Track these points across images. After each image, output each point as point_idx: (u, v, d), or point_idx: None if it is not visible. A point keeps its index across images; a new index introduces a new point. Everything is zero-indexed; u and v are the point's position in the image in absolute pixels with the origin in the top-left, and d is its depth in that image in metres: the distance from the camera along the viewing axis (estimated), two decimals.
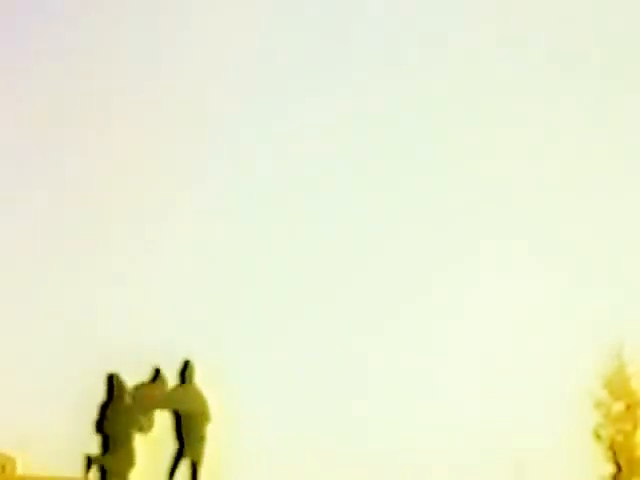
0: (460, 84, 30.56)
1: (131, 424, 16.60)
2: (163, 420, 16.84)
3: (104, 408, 16.52)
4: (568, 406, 24.67)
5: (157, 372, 17.09)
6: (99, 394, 18.83)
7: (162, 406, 16.75)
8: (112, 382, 17.22)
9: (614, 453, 24.56)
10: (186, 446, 16.62)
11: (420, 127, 30.16)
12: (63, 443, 19.55)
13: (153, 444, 16.53)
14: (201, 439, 16.69)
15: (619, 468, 24.31)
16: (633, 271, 26.99)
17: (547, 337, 26.09)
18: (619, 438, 25.13)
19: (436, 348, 26.74)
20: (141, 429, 16.65)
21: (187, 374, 16.89)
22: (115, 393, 17.13)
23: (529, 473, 23.98)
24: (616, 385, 25.60)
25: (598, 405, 25.71)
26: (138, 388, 16.88)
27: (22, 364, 24.55)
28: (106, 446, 16.39)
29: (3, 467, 23.27)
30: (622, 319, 24.88)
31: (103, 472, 16.42)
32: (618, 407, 25.61)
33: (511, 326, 26.89)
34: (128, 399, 16.62)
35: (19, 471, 23.23)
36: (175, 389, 16.91)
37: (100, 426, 16.37)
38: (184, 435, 16.71)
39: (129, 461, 16.32)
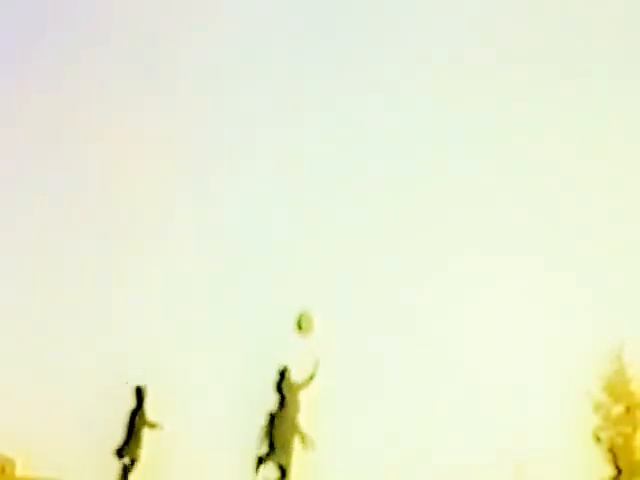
0: (459, 88, 30.55)
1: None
2: None
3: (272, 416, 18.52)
4: (567, 408, 24.70)
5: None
6: (99, 396, 19.21)
7: None
8: (140, 393, 18.51)
9: (614, 455, 24.56)
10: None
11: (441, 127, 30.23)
12: (65, 445, 19.65)
13: None
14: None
15: (619, 471, 24.31)
16: (633, 272, 27.00)
17: (546, 338, 26.10)
18: (619, 441, 25.13)
19: (434, 349, 26.74)
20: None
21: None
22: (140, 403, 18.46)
23: (528, 475, 24.00)
24: (616, 387, 25.61)
25: (598, 407, 25.72)
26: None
27: (22, 366, 24.63)
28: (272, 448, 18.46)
29: (3, 468, 23.31)
30: (622, 321, 24.91)
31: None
32: (618, 409, 25.62)
33: (510, 327, 26.90)
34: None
35: (18, 472, 23.26)
36: None
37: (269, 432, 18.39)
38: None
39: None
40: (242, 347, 23.93)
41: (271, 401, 19.06)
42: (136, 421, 18.66)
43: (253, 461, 18.61)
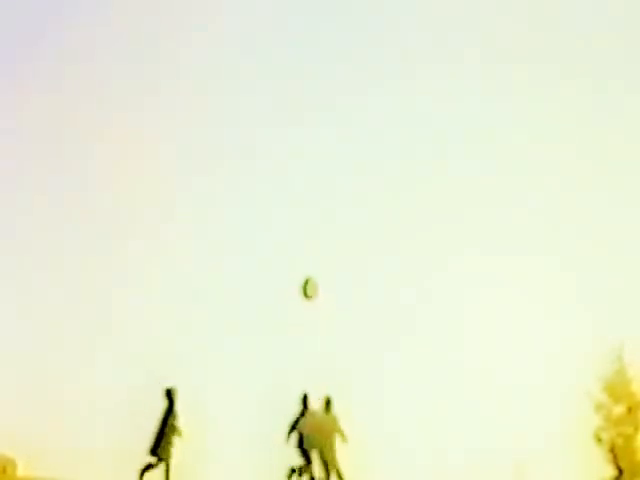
0: (459, 88, 30.55)
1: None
2: None
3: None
4: (568, 409, 24.73)
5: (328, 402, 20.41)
6: (100, 396, 19.29)
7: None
8: (170, 395, 18.87)
9: (615, 456, 24.62)
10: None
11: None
12: (66, 445, 19.65)
13: None
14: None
15: (620, 471, 24.37)
16: (633, 272, 27.01)
17: (547, 339, 26.12)
18: (620, 441, 25.19)
19: (434, 349, 26.73)
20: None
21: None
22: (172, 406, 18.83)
23: (529, 476, 24.01)
24: (617, 388, 25.66)
25: (598, 408, 25.78)
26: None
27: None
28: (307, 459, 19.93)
29: (4, 468, 23.26)
30: (622, 321, 24.93)
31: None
32: (619, 410, 25.67)
33: (510, 327, 26.90)
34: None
35: (20, 472, 23.22)
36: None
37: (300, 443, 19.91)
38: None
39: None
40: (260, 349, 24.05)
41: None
42: (168, 422, 18.91)
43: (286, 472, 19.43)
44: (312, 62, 30.97)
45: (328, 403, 20.40)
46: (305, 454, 19.87)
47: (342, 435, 20.15)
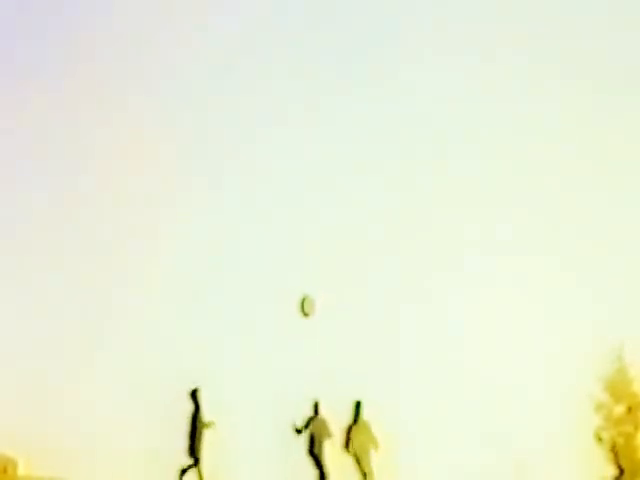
0: (460, 88, 30.56)
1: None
2: None
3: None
4: (569, 409, 24.74)
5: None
6: (101, 396, 19.29)
7: None
8: (195, 396, 19.07)
9: (615, 455, 24.65)
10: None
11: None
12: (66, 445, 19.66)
13: None
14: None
15: (621, 471, 24.40)
16: (634, 272, 27.03)
17: (547, 339, 26.13)
18: (620, 441, 25.21)
19: (434, 348, 26.74)
20: None
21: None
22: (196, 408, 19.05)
23: (529, 476, 24.04)
24: (617, 387, 25.69)
25: (599, 407, 25.80)
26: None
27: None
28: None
29: (5, 468, 23.29)
30: (623, 321, 24.95)
31: None
32: (619, 409, 25.70)
33: (510, 327, 26.91)
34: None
35: (20, 472, 23.26)
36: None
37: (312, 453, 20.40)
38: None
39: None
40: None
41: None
42: (196, 423, 19.17)
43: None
44: (312, 62, 30.99)
45: (357, 407, 20.51)
46: (316, 459, 19.95)
47: (375, 442, 20.34)
